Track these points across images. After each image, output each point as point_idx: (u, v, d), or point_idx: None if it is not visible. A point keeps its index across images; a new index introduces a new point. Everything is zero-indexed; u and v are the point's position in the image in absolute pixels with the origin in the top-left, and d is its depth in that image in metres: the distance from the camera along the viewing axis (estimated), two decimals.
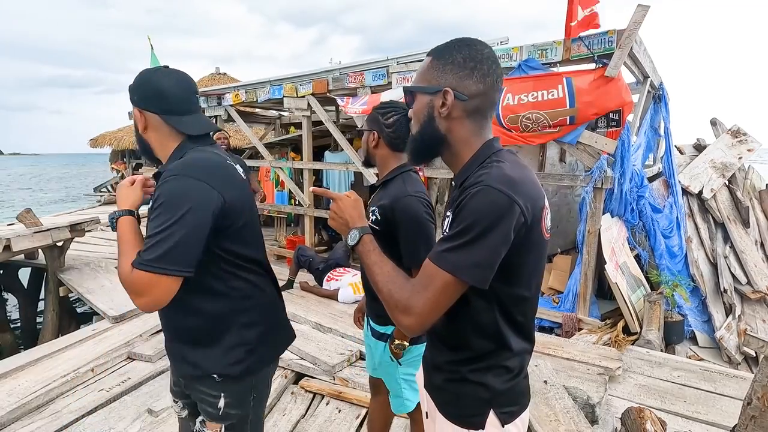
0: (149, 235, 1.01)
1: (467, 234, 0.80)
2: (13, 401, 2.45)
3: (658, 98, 4.54)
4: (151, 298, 1.00)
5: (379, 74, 4.34)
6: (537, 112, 3.33)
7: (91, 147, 13.58)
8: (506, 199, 0.79)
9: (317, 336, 3.25)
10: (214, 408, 1.20)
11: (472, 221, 0.80)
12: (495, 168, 0.85)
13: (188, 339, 1.19)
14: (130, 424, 2.35)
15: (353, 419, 2.42)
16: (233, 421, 1.22)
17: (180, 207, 1.00)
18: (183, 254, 1.00)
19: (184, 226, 1.00)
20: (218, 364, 1.16)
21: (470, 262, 0.80)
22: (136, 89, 1.15)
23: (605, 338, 3.29)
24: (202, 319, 1.16)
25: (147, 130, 1.17)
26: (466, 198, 0.82)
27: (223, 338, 1.17)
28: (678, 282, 3.73)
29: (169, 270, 0.98)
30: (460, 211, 0.82)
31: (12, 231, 4.37)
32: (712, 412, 2.46)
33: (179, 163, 1.08)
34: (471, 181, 0.86)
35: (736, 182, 5.42)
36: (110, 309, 3.73)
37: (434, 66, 0.93)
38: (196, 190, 1.04)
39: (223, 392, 1.19)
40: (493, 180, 0.81)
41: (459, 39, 0.94)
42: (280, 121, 8.41)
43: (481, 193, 0.80)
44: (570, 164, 5.76)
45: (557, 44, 3.32)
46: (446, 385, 0.99)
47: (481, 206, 0.80)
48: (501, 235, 0.80)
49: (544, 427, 2.06)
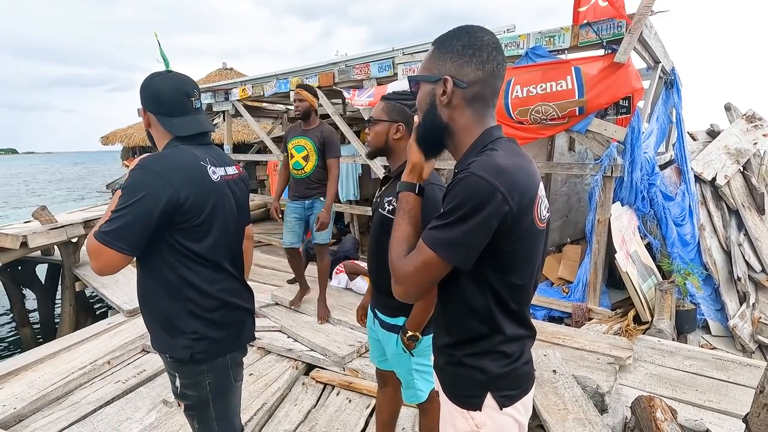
0: (112, 209, 1.15)
1: (450, 216, 0.84)
2: (34, 393, 2.53)
3: (669, 84, 4.45)
4: (97, 263, 1.15)
5: (384, 65, 4.32)
6: (546, 104, 3.30)
7: (102, 144, 13.75)
8: (488, 186, 0.81)
9: (327, 327, 3.29)
10: (174, 386, 1.34)
11: (455, 204, 0.83)
12: (486, 155, 0.87)
13: (153, 312, 1.32)
14: (146, 415, 2.41)
15: (363, 409, 2.45)
16: (191, 402, 1.34)
17: (135, 194, 1.13)
18: (127, 235, 1.13)
19: (134, 212, 1.13)
20: (167, 346, 1.30)
21: (447, 241, 0.84)
22: (141, 91, 1.30)
23: (616, 328, 3.28)
24: (158, 301, 1.29)
25: (150, 128, 1.33)
26: (453, 183, 0.86)
27: (172, 323, 1.28)
28: (690, 270, 3.69)
29: (111, 244, 1.12)
30: (446, 194, 0.87)
31: (28, 228, 4.47)
32: (724, 400, 2.44)
33: (151, 156, 1.22)
34: (461, 167, 0.89)
35: (750, 168, 5.31)
36: (125, 303, 3.80)
37: (435, 55, 0.94)
38: (153, 182, 1.16)
39: (177, 372, 1.31)
40: (479, 167, 0.83)
41: (461, 27, 0.94)
42: (287, 115, 8.43)
43: (466, 179, 0.83)
44: (579, 153, 5.69)
45: (565, 31, 3.27)
46: (446, 367, 1.02)
47: (463, 191, 0.83)
48: (480, 219, 0.82)
49: (553, 416, 2.07)
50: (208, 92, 6.18)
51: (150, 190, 1.14)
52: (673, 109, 4.58)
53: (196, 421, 1.36)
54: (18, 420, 2.35)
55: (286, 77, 5.20)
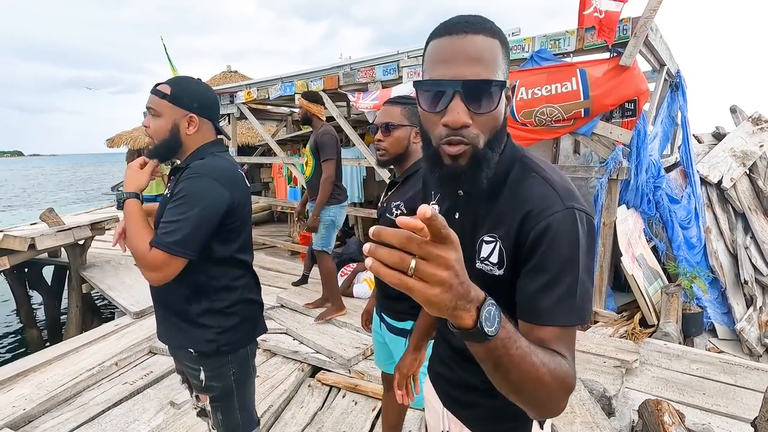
0: (170, 220, 1.19)
1: (571, 270, 0.70)
2: (43, 394, 2.55)
3: (675, 86, 4.44)
4: (163, 274, 1.19)
5: (389, 68, 4.33)
6: (551, 105, 3.30)
7: (108, 147, 13.84)
8: (590, 217, 0.75)
9: (332, 330, 3.30)
10: (197, 380, 1.37)
11: (571, 256, 0.70)
12: (548, 182, 0.77)
13: (175, 312, 1.34)
14: (153, 416, 2.42)
15: (369, 411, 2.45)
16: (216, 393, 1.38)
17: (197, 202, 1.20)
18: (193, 241, 1.19)
19: (197, 219, 1.19)
20: (191, 340, 1.33)
21: (586, 299, 0.72)
22: (195, 97, 1.32)
23: (622, 331, 3.27)
24: (183, 300, 1.32)
25: (191, 133, 1.32)
26: (551, 232, 0.71)
27: (197, 320, 1.32)
28: (696, 273, 3.67)
29: (181, 252, 1.17)
30: (544, 241, 0.71)
31: (36, 230, 4.50)
32: (732, 404, 2.43)
33: (201, 164, 1.27)
34: (530, 201, 0.75)
35: (757, 171, 5.28)
36: (131, 305, 3.83)
37: (505, 55, 0.75)
38: (213, 189, 1.23)
39: (201, 366, 1.35)
40: (569, 198, 0.74)
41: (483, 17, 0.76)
42: (291, 118, 8.46)
43: (567, 216, 0.72)
44: (584, 155, 5.68)
45: (570, 34, 3.27)
46: (481, 401, 0.91)
47: (573, 235, 0.71)
48: (592, 254, 0.76)
49: (560, 419, 2.06)
50: None
51: (211, 198, 1.22)
52: (678, 111, 4.57)
53: (220, 413, 1.40)
54: (27, 421, 2.36)
55: (291, 80, 5.22)
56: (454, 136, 0.72)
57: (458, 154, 0.73)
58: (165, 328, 1.39)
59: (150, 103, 1.30)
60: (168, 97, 1.29)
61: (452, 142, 0.72)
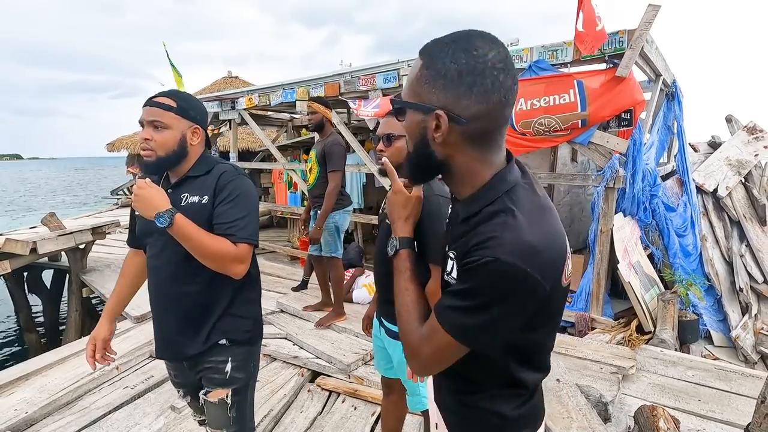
0: (238, 217, 1.31)
1: (473, 298, 0.71)
2: (44, 397, 2.57)
3: (671, 96, 4.51)
4: (246, 264, 1.33)
5: (390, 77, 4.39)
6: (549, 116, 3.36)
7: (108, 151, 13.87)
8: (521, 273, 0.68)
9: (332, 335, 3.32)
10: (221, 374, 1.39)
11: (478, 289, 0.70)
12: (509, 227, 0.70)
13: (208, 309, 1.38)
14: (154, 420, 2.44)
15: (369, 416, 2.48)
16: (239, 385, 1.42)
17: (253, 197, 1.38)
18: (257, 231, 1.36)
19: (256, 211, 1.38)
20: (226, 331, 1.39)
21: (472, 327, 0.73)
22: (197, 110, 1.40)
23: (618, 337, 3.30)
24: (235, 288, 1.39)
25: (195, 144, 1.39)
26: (475, 262, 0.70)
27: (241, 308, 1.42)
28: (692, 281, 3.72)
29: (256, 241, 1.34)
30: (469, 272, 0.71)
31: (37, 234, 4.53)
32: (727, 411, 2.46)
33: (231, 167, 1.40)
34: (481, 235, 0.71)
35: (752, 180, 5.35)
36: (132, 309, 3.84)
37: (425, 78, 0.74)
38: (253, 186, 1.41)
39: (230, 356, 1.40)
40: (506, 250, 0.68)
41: (457, 37, 0.73)
42: (292, 124, 8.52)
43: (491, 265, 0.68)
44: (582, 163, 5.74)
45: (568, 45, 3.34)
46: (457, 409, 0.92)
47: (489, 278, 0.69)
48: (513, 308, 0.71)
49: (557, 424, 2.09)
50: (215, 101, 6.27)
51: (256, 194, 1.40)
52: (674, 120, 4.64)
53: (234, 409, 1.42)
54: (29, 424, 2.38)
55: (293, 87, 5.28)
56: None
57: None
58: (183, 335, 1.38)
59: (153, 115, 1.30)
60: (174, 110, 1.32)
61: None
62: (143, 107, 1.34)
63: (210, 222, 1.31)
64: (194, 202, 1.33)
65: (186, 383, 1.50)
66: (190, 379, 1.47)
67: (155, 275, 1.40)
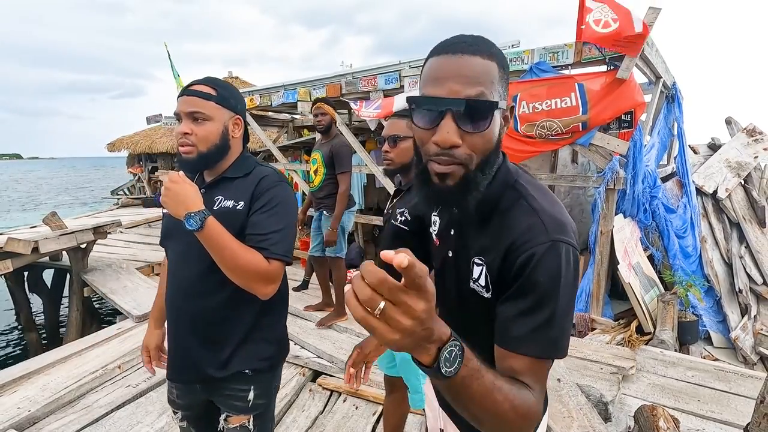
0: (274, 229, 1.16)
1: (549, 298, 0.69)
2: (47, 395, 2.58)
3: (671, 98, 4.53)
4: (276, 285, 1.17)
5: (391, 78, 4.40)
6: (551, 120, 3.39)
7: (108, 151, 13.89)
8: (573, 249, 0.71)
9: (333, 335, 3.33)
10: (243, 401, 1.27)
11: (551, 286, 0.69)
12: (539, 211, 0.73)
13: (228, 330, 1.24)
14: (156, 419, 2.45)
15: (370, 416, 2.49)
16: (261, 411, 1.31)
17: (292, 210, 1.23)
18: (292, 247, 1.22)
19: (293, 224, 1.23)
20: (252, 360, 1.27)
21: (561, 333, 0.70)
22: (237, 98, 1.25)
23: (618, 338, 3.32)
24: (263, 309, 1.26)
25: (237, 136, 1.26)
26: (533, 257, 0.69)
27: (265, 332, 1.28)
28: (692, 282, 3.73)
29: (290, 259, 1.18)
30: (531, 270, 0.69)
31: (39, 233, 4.53)
32: (726, 411, 2.47)
33: (273, 171, 1.26)
34: (516, 229, 0.73)
35: (751, 181, 5.36)
36: (134, 309, 3.86)
37: (503, 77, 0.74)
38: (293, 196, 1.27)
39: (252, 385, 1.28)
40: (553, 230, 0.70)
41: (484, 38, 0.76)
42: (293, 124, 8.53)
43: (554, 250, 0.69)
44: (582, 165, 5.76)
45: (568, 47, 3.35)
46: None
47: (557, 264, 0.69)
48: (575, 290, 0.72)
49: (558, 423, 2.11)
50: None
51: (295, 205, 1.26)
52: (674, 122, 4.66)
53: (257, 430, 1.32)
54: (32, 422, 2.39)
55: (294, 88, 5.29)
56: (443, 155, 0.71)
57: (446, 174, 0.72)
58: (201, 355, 1.24)
59: (193, 106, 1.16)
60: (214, 98, 1.18)
61: (441, 161, 0.71)
62: (179, 97, 1.19)
63: (242, 231, 1.16)
64: (228, 207, 1.19)
65: (191, 405, 1.35)
66: (197, 401, 1.33)
67: (174, 284, 1.26)
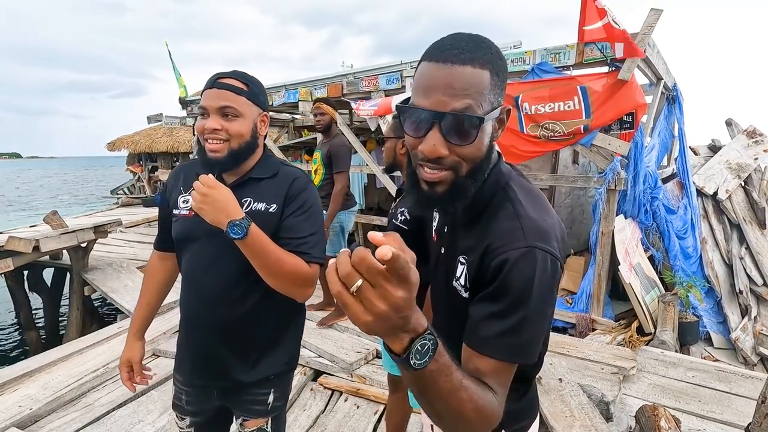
0: (310, 233, 1.16)
1: (522, 305, 0.68)
2: (48, 394, 2.58)
3: (671, 99, 4.54)
4: (314, 287, 1.17)
5: (393, 78, 4.42)
6: (554, 122, 3.41)
7: (108, 150, 13.89)
8: (551, 257, 0.70)
9: (334, 335, 3.33)
10: (263, 405, 1.26)
11: (522, 290, 0.68)
12: (523, 217, 0.73)
13: (255, 334, 1.22)
14: (158, 417, 2.45)
15: (371, 415, 2.49)
16: (278, 412, 1.31)
17: (320, 211, 1.23)
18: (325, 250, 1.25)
19: (324, 226, 1.24)
20: (277, 365, 1.26)
21: (530, 338, 0.71)
22: (265, 94, 1.21)
23: (619, 338, 3.32)
24: (277, 313, 1.23)
25: (264, 134, 1.21)
26: (506, 261, 0.69)
27: (287, 335, 1.28)
28: (692, 283, 3.74)
29: (325, 261, 1.14)
30: (505, 274, 0.69)
31: (39, 233, 4.53)
32: (727, 411, 2.48)
33: (302, 172, 1.24)
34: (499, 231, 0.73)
35: (751, 183, 5.37)
36: (133, 308, 3.85)
37: (496, 84, 0.73)
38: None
39: (273, 388, 1.27)
40: (532, 237, 0.70)
41: (482, 38, 0.74)
42: (293, 124, 8.54)
43: (529, 255, 0.69)
44: (583, 165, 5.77)
45: (570, 48, 3.36)
46: None
47: (530, 271, 0.68)
48: (552, 297, 0.72)
49: (560, 423, 2.11)
50: None
51: (321, 206, 1.27)
52: (675, 123, 4.67)
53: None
54: (34, 420, 2.39)
55: (295, 88, 5.30)
56: (432, 162, 0.71)
57: (435, 182, 0.73)
58: (228, 360, 1.20)
59: (225, 100, 1.09)
60: (246, 93, 1.12)
61: (430, 167, 0.72)
62: (206, 90, 1.11)
63: (275, 234, 1.12)
64: (260, 210, 1.14)
65: (202, 411, 1.29)
66: (209, 407, 1.28)
67: (194, 291, 1.19)
